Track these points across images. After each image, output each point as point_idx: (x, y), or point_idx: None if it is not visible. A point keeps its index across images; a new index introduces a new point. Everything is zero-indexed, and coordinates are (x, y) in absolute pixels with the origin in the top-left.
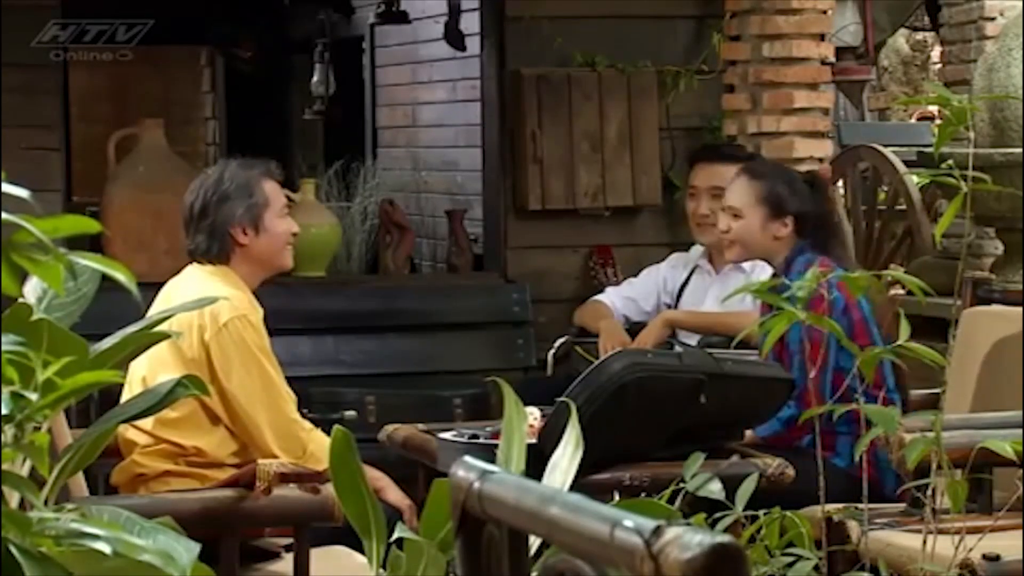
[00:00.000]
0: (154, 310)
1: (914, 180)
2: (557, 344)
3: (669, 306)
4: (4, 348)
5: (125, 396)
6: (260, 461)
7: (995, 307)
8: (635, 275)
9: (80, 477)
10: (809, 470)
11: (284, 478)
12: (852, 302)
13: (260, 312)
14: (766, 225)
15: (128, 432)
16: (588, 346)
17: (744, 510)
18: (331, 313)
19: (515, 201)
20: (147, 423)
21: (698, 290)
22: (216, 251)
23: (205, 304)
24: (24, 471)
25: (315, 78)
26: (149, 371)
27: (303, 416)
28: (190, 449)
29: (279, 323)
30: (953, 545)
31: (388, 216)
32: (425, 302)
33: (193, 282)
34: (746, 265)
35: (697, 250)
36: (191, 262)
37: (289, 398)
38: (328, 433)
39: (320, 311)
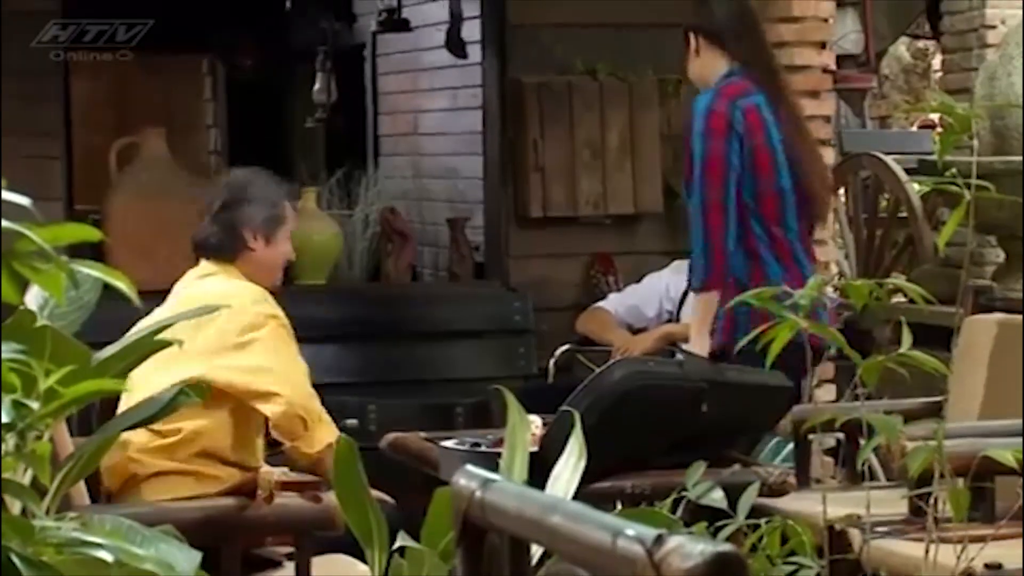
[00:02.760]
0: (169, 310)
1: (916, 188)
2: (559, 352)
3: (671, 312)
4: (7, 356)
5: (128, 401)
6: (262, 470)
7: (997, 315)
8: (637, 282)
9: (82, 485)
10: None
11: (286, 486)
12: (757, 126)
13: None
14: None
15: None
16: (590, 354)
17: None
18: (332, 321)
19: (516, 209)
20: None
21: None
22: (226, 248)
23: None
24: (26, 480)
25: (317, 86)
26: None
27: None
28: (187, 435)
29: None
30: (955, 554)
31: (389, 224)
32: (426, 310)
33: (216, 280)
34: None
35: None
36: (197, 258)
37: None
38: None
39: (321, 319)
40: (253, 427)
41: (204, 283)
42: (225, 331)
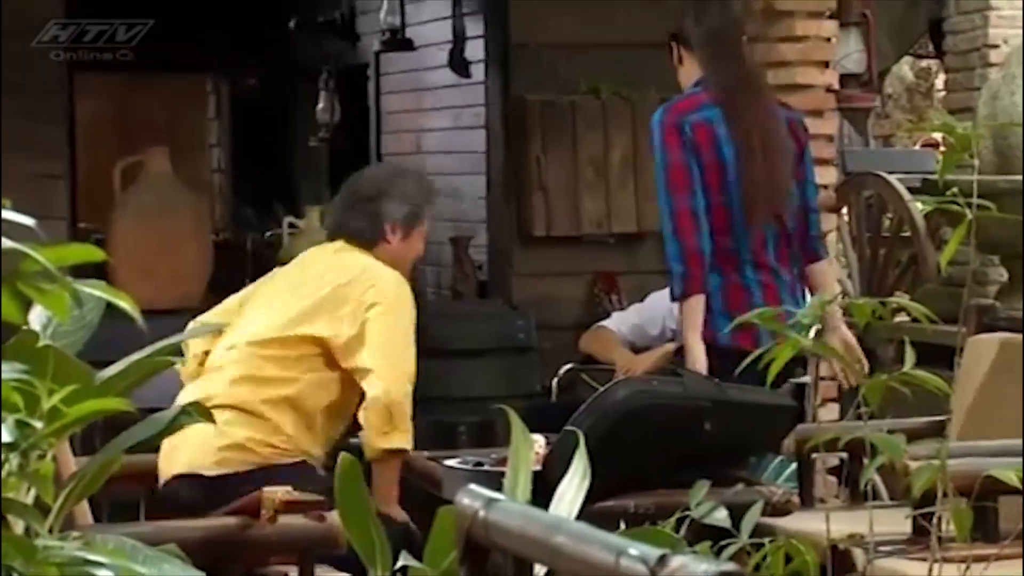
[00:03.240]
0: (301, 272)
1: (919, 207)
2: (562, 371)
3: (674, 331)
4: (10, 376)
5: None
6: (266, 490)
7: (1000, 334)
8: (640, 301)
9: (85, 505)
10: None
11: (289, 506)
12: (705, 141)
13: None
14: None
15: (224, 361)
16: (593, 373)
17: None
18: None
19: (520, 228)
20: (246, 347)
21: None
22: (367, 235)
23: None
24: (29, 499)
25: (320, 105)
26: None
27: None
28: (286, 377)
29: None
30: (958, 574)
31: None
32: (430, 329)
33: (353, 255)
34: None
35: None
36: (332, 238)
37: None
38: None
39: None
40: (343, 407)
41: (349, 254)
42: (360, 301)
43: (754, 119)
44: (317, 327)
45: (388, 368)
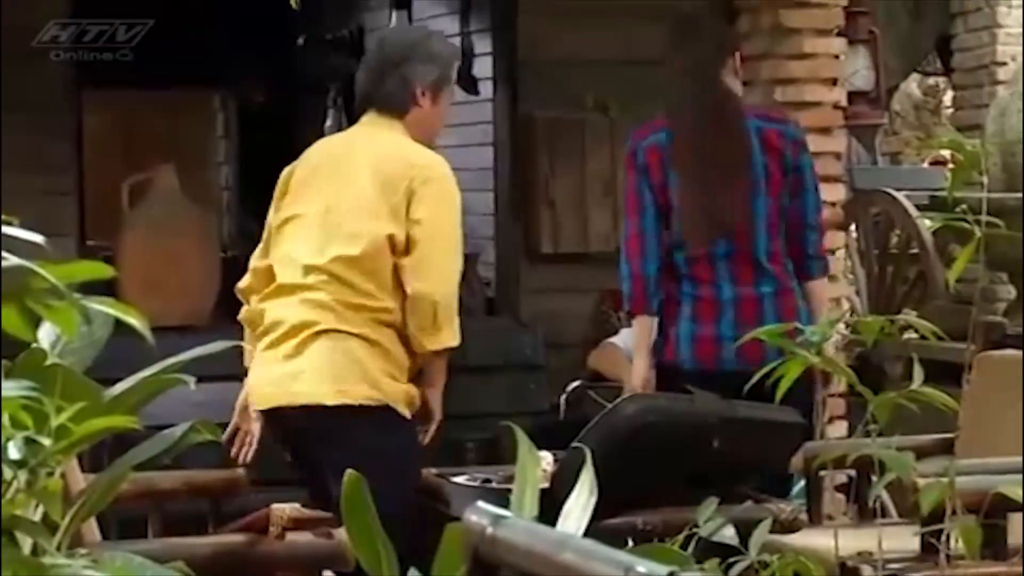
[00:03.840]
0: (326, 154)
1: (927, 224)
2: (570, 388)
3: None
4: (19, 394)
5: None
6: (274, 506)
7: (1008, 351)
8: None
9: (92, 522)
10: None
11: (297, 523)
12: (655, 164)
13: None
14: None
15: (288, 270)
16: (601, 390)
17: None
18: None
19: (527, 245)
20: (317, 259)
21: None
22: (398, 101)
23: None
24: (37, 516)
25: (328, 122)
26: (354, 214)
27: None
28: (362, 291)
29: None
30: None
31: None
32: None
33: (386, 135)
34: None
35: None
36: (363, 109)
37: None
38: None
39: None
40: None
41: (386, 137)
42: (408, 192)
43: (697, 137)
44: (384, 226)
45: (431, 267)
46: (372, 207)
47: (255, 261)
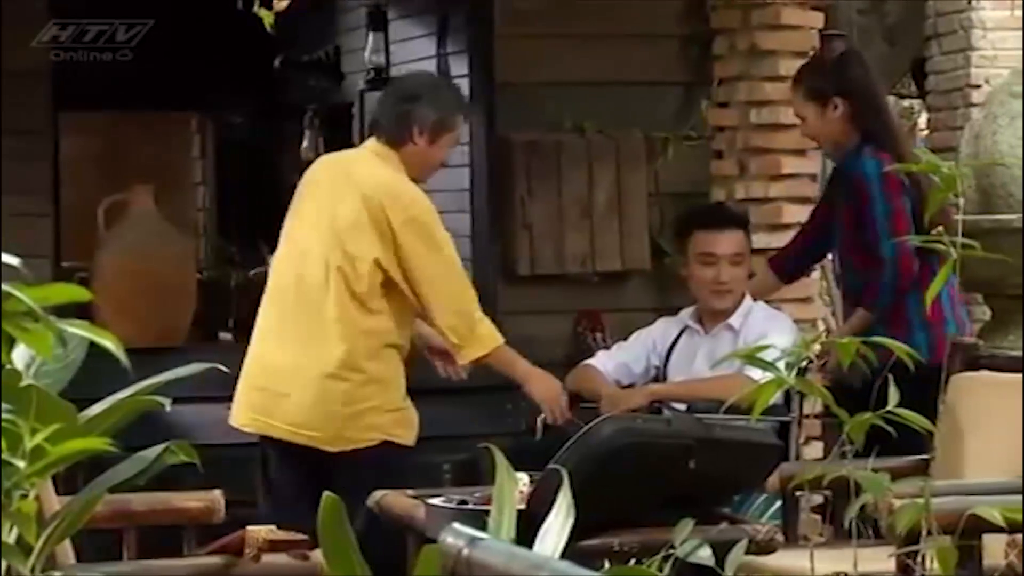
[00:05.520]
0: (324, 176)
1: None
2: None
3: (658, 368)
4: None
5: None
6: (249, 528)
7: (983, 373)
8: (625, 339)
9: (67, 544)
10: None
11: (273, 545)
12: (896, 190)
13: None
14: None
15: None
16: (578, 411)
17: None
18: None
19: (504, 266)
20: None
21: (687, 350)
22: (394, 134)
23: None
24: (11, 538)
25: (305, 144)
26: (349, 235)
27: None
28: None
29: None
30: None
31: None
32: (414, 367)
33: (374, 161)
34: (734, 323)
35: (686, 311)
36: (370, 133)
37: (469, 285)
38: None
39: None
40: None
41: (371, 165)
42: (390, 225)
43: None
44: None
45: (437, 304)
46: (358, 227)
47: None
